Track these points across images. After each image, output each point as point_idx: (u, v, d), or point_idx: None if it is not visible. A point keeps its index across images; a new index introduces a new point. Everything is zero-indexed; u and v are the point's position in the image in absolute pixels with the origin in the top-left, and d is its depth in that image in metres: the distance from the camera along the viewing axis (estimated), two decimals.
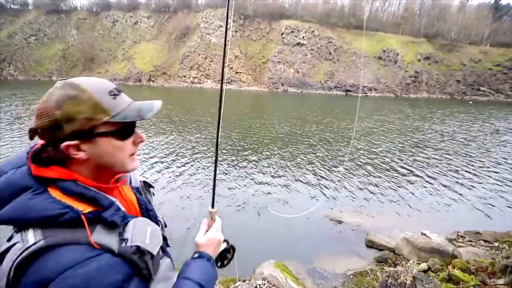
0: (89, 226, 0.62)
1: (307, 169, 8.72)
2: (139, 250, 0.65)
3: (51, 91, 0.67)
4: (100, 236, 0.63)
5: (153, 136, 11.98)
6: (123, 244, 0.64)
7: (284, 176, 8.11)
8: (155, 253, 0.68)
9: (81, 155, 0.67)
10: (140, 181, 0.95)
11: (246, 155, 9.96)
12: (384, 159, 10.13)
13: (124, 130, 0.72)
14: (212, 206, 0.99)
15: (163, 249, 0.77)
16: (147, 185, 0.97)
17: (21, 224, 0.62)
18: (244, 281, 3.65)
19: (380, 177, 8.35)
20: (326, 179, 8.03)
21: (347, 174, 8.50)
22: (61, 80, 0.69)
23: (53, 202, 0.62)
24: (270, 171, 8.42)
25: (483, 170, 9.35)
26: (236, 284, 3.52)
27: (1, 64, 49.32)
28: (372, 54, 49.05)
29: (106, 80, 0.74)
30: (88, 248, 0.60)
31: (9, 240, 0.63)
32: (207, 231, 0.97)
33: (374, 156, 10.53)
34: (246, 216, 5.84)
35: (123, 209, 0.72)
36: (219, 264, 0.98)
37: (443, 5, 55.48)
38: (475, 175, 8.89)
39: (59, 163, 0.68)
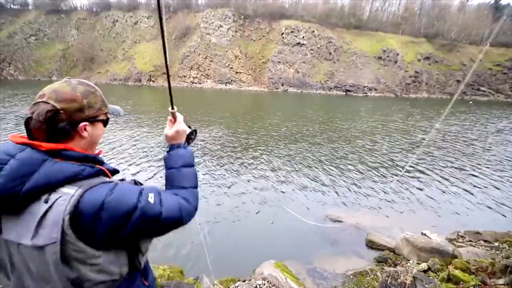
0: (108, 172, 0.93)
1: (311, 169, 8.72)
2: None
3: (71, 86, 0.88)
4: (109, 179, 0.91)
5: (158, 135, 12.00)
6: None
7: (284, 175, 8.10)
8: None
9: (85, 133, 0.91)
10: None
11: (250, 154, 9.96)
12: (384, 159, 10.14)
13: (107, 121, 1.01)
14: (172, 108, 1.15)
15: None
16: None
17: (54, 185, 0.77)
18: (244, 281, 3.64)
19: (380, 177, 8.36)
20: (326, 179, 8.03)
21: (347, 174, 8.51)
22: (70, 78, 0.93)
23: (71, 164, 0.82)
24: (271, 170, 8.42)
25: (484, 170, 9.35)
26: (236, 284, 3.52)
27: (1, 64, 49.26)
28: (372, 54, 49.04)
29: (91, 83, 0.98)
30: (112, 182, 0.86)
31: (46, 202, 0.76)
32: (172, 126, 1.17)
33: (374, 155, 10.53)
34: (246, 216, 5.84)
35: None
36: (186, 144, 1.17)
37: (443, 5, 55.46)
38: (475, 175, 8.88)
39: (63, 139, 0.87)
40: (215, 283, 3.56)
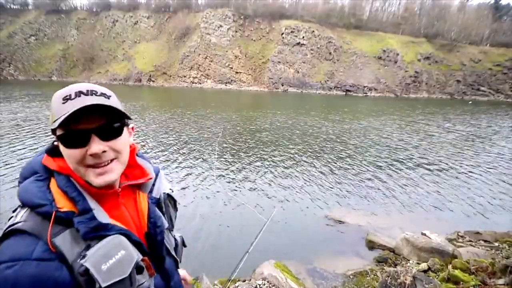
0: (54, 224, 0.62)
1: (311, 168, 8.72)
2: (87, 274, 0.60)
3: None
4: (64, 240, 0.62)
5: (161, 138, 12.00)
6: (79, 260, 0.61)
7: (284, 174, 8.10)
8: (104, 285, 0.60)
9: (63, 153, 0.69)
10: (163, 193, 0.88)
11: (250, 153, 9.96)
12: (384, 159, 10.13)
13: (67, 137, 0.66)
14: None
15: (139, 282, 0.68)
16: (171, 199, 0.91)
17: (21, 202, 0.66)
18: (244, 281, 3.65)
19: (380, 176, 8.35)
20: (326, 179, 8.03)
21: (347, 173, 8.50)
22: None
23: (43, 191, 0.65)
24: (271, 169, 8.42)
25: (483, 170, 9.35)
26: (236, 284, 3.52)
27: (1, 64, 49.31)
28: (372, 54, 49.03)
29: (90, 82, 0.74)
30: (44, 247, 0.60)
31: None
32: None
33: (374, 155, 10.53)
34: (246, 215, 5.84)
35: (105, 219, 0.67)
36: None
37: (443, 5, 55.45)
38: (476, 174, 8.88)
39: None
40: (215, 283, 3.56)
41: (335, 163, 9.47)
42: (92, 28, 55.80)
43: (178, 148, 10.44)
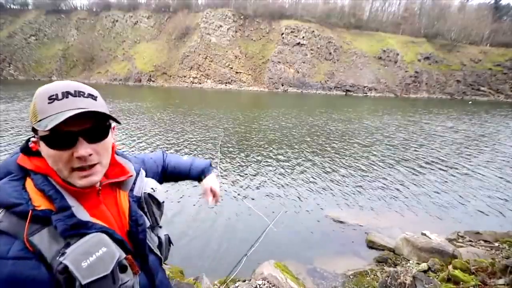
0: (30, 223, 0.60)
1: (311, 168, 8.73)
2: (67, 271, 0.60)
3: None
4: (42, 239, 0.61)
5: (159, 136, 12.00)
6: (58, 257, 0.60)
7: (284, 175, 8.11)
8: (84, 282, 0.60)
9: (42, 152, 0.67)
10: (144, 192, 0.87)
11: (250, 153, 9.96)
12: (384, 159, 10.14)
13: (52, 138, 0.64)
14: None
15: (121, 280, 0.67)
16: (153, 198, 0.90)
17: None
18: (244, 281, 3.64)
19: (380, 176, 8.35)
20: (327, 178, 8.03)
21: (347, 173, 8.50)
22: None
23: (18, 190, 0.63)
24: (271, 170, 8.43)
25: (484, 170, 9.35)
26: (236, 284, 3.52)
27: (1, 64, 49.33)
28: (372, 54, 49.04)
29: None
30: (20, 246, 0.59)
31: None
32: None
33: (375, 155, 10.53)
34: (246, 215, 5.84)
35: (84, 217, 0.67)
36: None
37: (443, 5, 55.47)
38: (476, 175, 8.88)
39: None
40: (215, 283, 3.56)
41: (336, 163, 9.47)
42: (92, 28, 55.80)
43: (181, 148, 10.45)
